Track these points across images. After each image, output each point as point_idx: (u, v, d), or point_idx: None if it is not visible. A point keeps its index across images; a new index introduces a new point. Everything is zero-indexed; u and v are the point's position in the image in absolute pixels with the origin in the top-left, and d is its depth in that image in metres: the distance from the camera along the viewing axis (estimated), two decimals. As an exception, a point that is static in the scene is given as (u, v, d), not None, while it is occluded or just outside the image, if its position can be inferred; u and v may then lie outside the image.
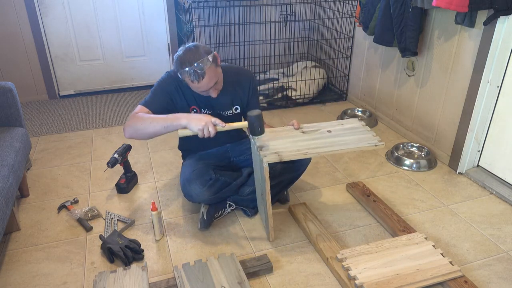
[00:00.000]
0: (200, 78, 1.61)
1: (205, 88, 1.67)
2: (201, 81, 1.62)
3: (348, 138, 1.76)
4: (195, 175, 1.83)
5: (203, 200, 1.87)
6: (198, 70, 1.59)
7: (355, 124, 1.90)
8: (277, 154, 1.63)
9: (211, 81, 1.66)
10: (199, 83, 1.63)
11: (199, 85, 1.64)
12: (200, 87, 1.65)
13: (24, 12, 3.17)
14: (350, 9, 3.29)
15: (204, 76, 1.62)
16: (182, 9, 3.41)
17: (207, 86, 1.66)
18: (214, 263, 1.61)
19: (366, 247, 1.70)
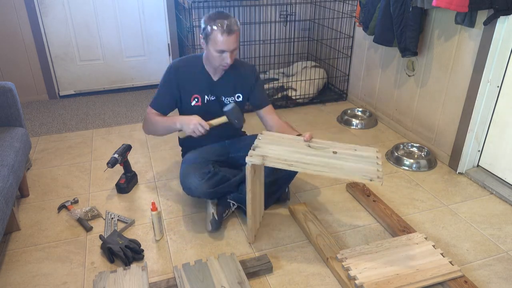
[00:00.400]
0: (230, 33, 1.71)
1: (228, 46, 1.73)
2: (230, 36, 1.71)
3: (349, 165, 1.60)
4: (193, 168, 1.85)
5: (202, 193, 1.85)
6: (230, 26, 1.71)
7: (369, 153, 1.72)
8: (263, 157, 1.60)
9: (235, 42, 1.75)
10: (228, 36, 1.71)
11: (226, 39, 1.71)
12: (226, 41, 1.72)
13: (24, 12, 3.17)
14: (350, 9, 3.29)
15: (233, 34, 1.72)
16: (182, 9, 3.41)
17: (232, 44, 1.74)
18: (214, 263, 1.61)
19: (366, 247, 1.70)
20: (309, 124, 3.08)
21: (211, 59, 1.82)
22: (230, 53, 1.76)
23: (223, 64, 1.82)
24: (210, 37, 1.74)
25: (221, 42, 1.72)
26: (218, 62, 1.81)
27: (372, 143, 2.78)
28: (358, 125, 3.02)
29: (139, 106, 3.42)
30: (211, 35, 1.73)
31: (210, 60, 1.85)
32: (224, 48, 1.74)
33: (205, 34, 1.76)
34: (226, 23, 1.70)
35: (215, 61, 1.81)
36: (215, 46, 1.74)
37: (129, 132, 2.95)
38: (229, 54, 1.77)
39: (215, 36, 1.72)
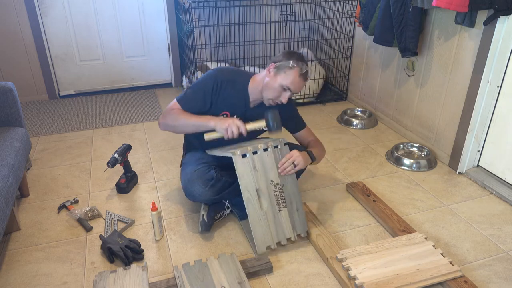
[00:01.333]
0: (306, 78, 1.74)
1: (296, 88, 1.73)
2: (303, 82, 1.74)
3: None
4: (196, 175, 1.83)
5: (206, 200, 1.86)
6: (308, 74, 1.75)
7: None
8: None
9: (301, 88, 1.77)
10: (302, 80, 1.72)
11: (299, 82, 1.71)
12: (297, 84, 1.72)
13: (24, 12, 3.17)
14: (350, 9, 3.29)
15: (306, 81, 1.76)
16: (182, 9, 3.41)
17: (300, 88, 1.75)
18: (214, 263, 1.61)
19: (366, 247, 1.70)
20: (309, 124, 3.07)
21: (268, 90, 1.74)
22: (290, 94, 1.74)
23: (277, 101, 1.76)
24: (286, 70, 1.69)
25: (294, 82, 1.70)
26: (274, 96, 1.74)
27: (372, 143, 2.78)
28: (358, 125, 3.02)
29: (139, 106, 3.42)
30: (288, 70, 1.69)
31: (266, 90, 1.76)
32: (292, 88, 1.71)
33: (281, 65, 1.70)
34: (307, 69, 1.72)
35: (271, 93, 1.74)
36: (285, 81, 1.70)
37: (129, 132, 2.95)
38: (289, 95, 1.74)
39: (292, 73, 1.69)
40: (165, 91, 3.78)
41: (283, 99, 1.74)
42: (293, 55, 1.72)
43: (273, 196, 1.76)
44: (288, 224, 1.78)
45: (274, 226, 1.75)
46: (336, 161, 2.53)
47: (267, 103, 1.80)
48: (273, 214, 1.75)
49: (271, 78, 1.74)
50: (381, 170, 2.44)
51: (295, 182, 1.83)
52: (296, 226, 1.80)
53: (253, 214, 1.71)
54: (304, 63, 1.72)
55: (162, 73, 3.85)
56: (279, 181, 1.78)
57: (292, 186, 1.81)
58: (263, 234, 1.73)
